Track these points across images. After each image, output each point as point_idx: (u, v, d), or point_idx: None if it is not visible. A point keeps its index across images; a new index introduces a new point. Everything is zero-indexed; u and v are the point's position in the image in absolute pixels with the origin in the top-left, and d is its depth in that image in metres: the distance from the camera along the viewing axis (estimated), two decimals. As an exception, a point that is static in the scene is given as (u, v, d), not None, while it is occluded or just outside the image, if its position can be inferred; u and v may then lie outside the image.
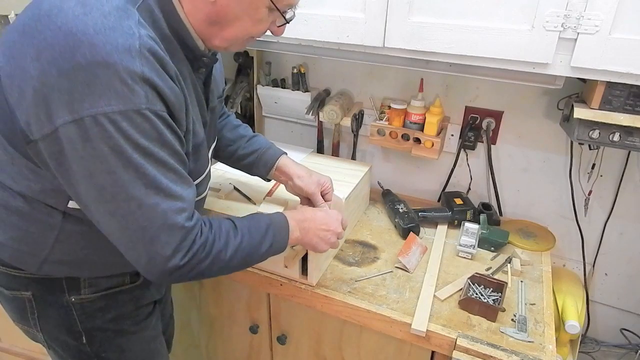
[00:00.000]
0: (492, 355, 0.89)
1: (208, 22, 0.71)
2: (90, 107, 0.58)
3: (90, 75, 0.57)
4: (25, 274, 0.82)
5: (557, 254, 1.41)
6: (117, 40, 0.59)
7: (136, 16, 0.63)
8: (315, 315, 1.11)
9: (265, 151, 1.05)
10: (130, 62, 0.59)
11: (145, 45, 0.61)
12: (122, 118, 0.59)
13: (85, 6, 0.60)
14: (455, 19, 0.96)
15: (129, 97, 0.59)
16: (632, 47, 0.85)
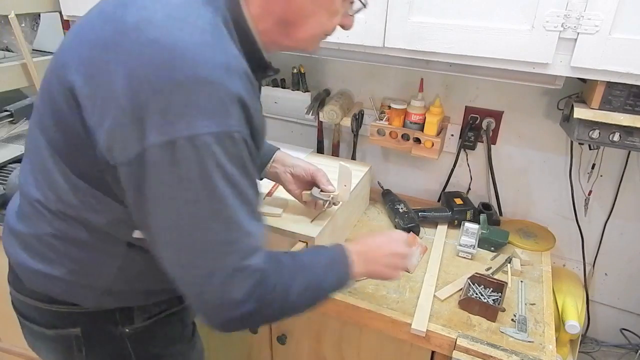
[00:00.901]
0: (492, 355, 0.89)
1: (279, 24, 0.67)
2: (186, 129, 0.53)
3: (190, 93, 0.53)
4: (77, 309, 0.76)
5: (557, 254, 1.41)
6: (216, 58, 0.55)
7: (224, 30, 0.60)
8: (315, 315, 1.11)
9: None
10: (229, 81, 0.55)
11: (240, 64, 0.58)
12: (214, 140, 0.54)
13: (178, 20, 0.56)
14: (455, 19, 0.96)
15: (224, 118, 0.55)
16: (632, 47, 0.85)
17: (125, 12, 0.58)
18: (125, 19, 0.57)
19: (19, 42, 1.37)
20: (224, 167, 0.56)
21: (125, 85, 0.54)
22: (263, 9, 0.65)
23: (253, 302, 0.62)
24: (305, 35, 0.69)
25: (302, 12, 0.66)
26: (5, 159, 1.21)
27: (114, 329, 0.78)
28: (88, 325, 0.77)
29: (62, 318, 0.77)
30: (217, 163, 0.55)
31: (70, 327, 0.77)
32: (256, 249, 0.62)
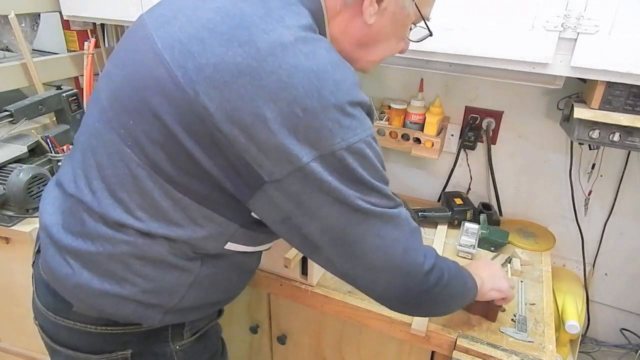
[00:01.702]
0: (492, 355, 0.89)
1: (356, 46, 0.70)
2: (341, 141, 0.57)
3: (339, 112, 0.57)
4: (130, 330, 0.73)
5: (557, 254, 1.41)
6: (349, 76, 0.60)
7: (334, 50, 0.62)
8: (315, 315, 1.11)
9: None
10: (361, 94, 0.61)
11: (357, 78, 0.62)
12: (364, 146, 0.59)
13: (307, 43, 0.58)
14: (455, 19, 0.96)
15: (366, 125, 0.60)
16: (632, 47, 0.85)
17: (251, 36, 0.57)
18: (257, 45, 0.56)
19: (19, 42, 1.37)
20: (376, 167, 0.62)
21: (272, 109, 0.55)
22: (344, 31, 0.68)
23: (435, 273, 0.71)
24: (375, 57, 0.73)
25: (378, 36, 0.69)
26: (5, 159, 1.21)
27: (164, 347, 0.76)
28: (139, 346, 0.74)
29: (114, 341, 0.73)
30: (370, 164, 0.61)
31: (119, 349, 0.74)
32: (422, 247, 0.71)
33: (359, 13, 0.66)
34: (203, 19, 0.60)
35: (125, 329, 0.72)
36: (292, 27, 0.59)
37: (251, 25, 0.58)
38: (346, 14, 0.67)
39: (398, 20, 0.69)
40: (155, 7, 0.69)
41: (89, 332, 0.72)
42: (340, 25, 0.68)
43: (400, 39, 0.73)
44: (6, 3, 1.34)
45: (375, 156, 0.62)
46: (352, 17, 0.67)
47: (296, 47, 0.57)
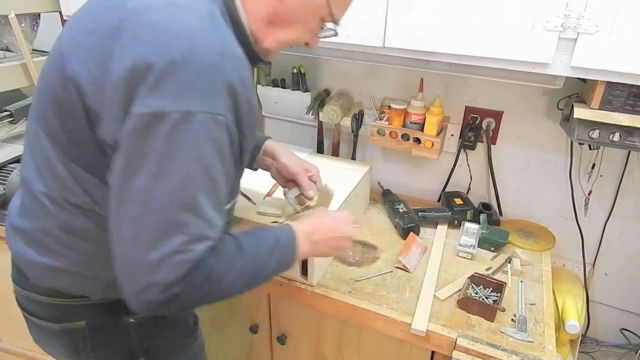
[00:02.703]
0: (492, 355, 0.89)
1: (266, 21, 0.71)
2: (170, 104, 0.56)
3: (182, 72, 0.56)
4: (83, 302, 0.76)
5: (557, 254, 1.41)
6: (212, 43, 0.58)
7: (221, 18, 0.63)
8: (315, 315, 1.11)
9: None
10: (221, 66, 0.58)
11: (235, 50, 0.61)
12: (197, 119, 0.57)
13: (176, 7, 0.59)
14: (455, 19, 0.96)
15: (210, 101, 0.57)
16: (632, 47, 0.85)
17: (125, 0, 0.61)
18: (125, 6, 0.60)
19: (19, 42, 1.37)
20: (200, 147, 0.58)
21: (123, 64, 0.57)
22: (256, 4, 0.69)
23: (181, 287, 0.60)
24: (282, 38, 0.73)
25: (287, 17, 0.71)
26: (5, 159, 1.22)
27: (119, 320, 0.79)
28: (94, 318, 0.78)
29: (68, 311, 0.78)
30: (194, 142, 0.57)
31: (75, 320, 0.78)
32: (207, 237, 0.61)
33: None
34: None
35: (75, 301, 0.76)
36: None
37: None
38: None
39: (308, 6, 0.70)
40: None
41: (46, 302, 0.78)
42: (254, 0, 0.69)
43: (309, 28, 0.74)
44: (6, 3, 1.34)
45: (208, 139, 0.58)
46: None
47: (163, 9, 0.59)
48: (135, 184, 0.58)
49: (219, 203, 0.63)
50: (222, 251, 0.66)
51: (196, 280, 0.61)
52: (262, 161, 1.03)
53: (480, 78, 1.13)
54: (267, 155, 1.01)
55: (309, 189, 0.96)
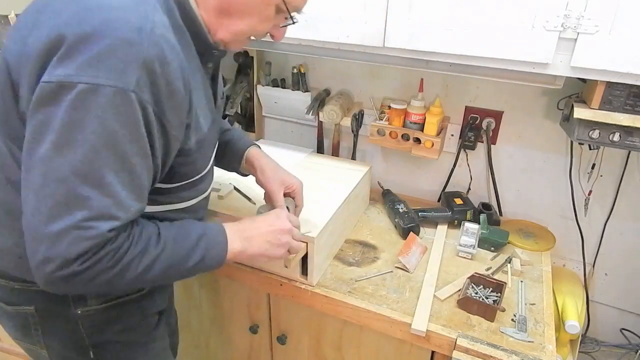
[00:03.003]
0: (492, 355, 0.89)
1: (218, 12, 0.70)
2: (75, 75, 0.55)
3: (92, 44, 0.55)
4: (29, 287, 0.76)
5: (557, 254, 1.41)
6: (130, 20, 0.57)
7: (152, 2, 0.62)
8: (315, 315, 1.11)
9: (236, 142, 1.01)
10: (136, 41, 0.57)
11: (158, 29, 0.60)
12: (103, 92, 0.56)
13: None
14: (455, 19, 0.96)
15: (120, 75, 0.56)
16: (632, 47, 0.85)
17: None
18: None
19: (19, 42, 1.37)
20: (106, 122, 0.57)
21: (39, 36, 0.58)
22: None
23: (83, 265, 0.59)
24: (236, 29, 0.72)
25: (238, 7, 0.69)
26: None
27: (66, 310, 0.78)
28: (41, 304, 0.78)
29: (17, 295, 0.78)
30: (99, 115, 0.56)
31: (25, 304, 0.78)
32: (112, 216, 0.60)
33: None
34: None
35: (23, 285, 0.76)
36: None
37: None
38: None
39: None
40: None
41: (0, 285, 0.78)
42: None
43: (264, 18, 0.72)
44: (6, 3, 1.34)
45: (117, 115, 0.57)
46: None
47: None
48: (38, 153, 0.58)
49: (136, 185, 0.62)
50: (137, 236, 0.65)
51: (100, 260, 0.61)
52: (245, 169, 1.01)
53: (480, 78, 1.13)
54: (248, 164, 1.00)
55: (281, 208, 0.92)
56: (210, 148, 0.83)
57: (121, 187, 0.60)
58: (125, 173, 0.60)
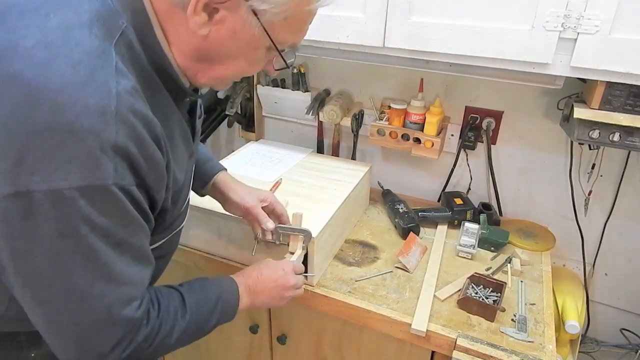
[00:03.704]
0: (492, 355, 0.89)
1: (195, 58, 0.61)
2: (42, 181, 0.47)
3: (49, 142, 0.46)
4: None
5: (557, 254, 1.41)
6: (89, 100, 0.48)
7: (113, 60, 0.51)
8: (315, 315, 1.11)
9: (203, 164, 0.94)
10: (102, 128, 0.48)
11: (125, 103, 0.50)
12: (80, 195, 0.48)
13: (48, 50, 0.48)
14: (455, 19, 0.96)
15: (93, 171, 0.48)
16: (632, 47, 0.85)
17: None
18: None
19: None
20: (94, 222, 0.51)
21: None
22: (179, 38, 0.59)
23: (120, 352, 0.59)
24: (220, 75, 0.64)
25: (219, 53, 0.60)
26: None
27: (19, 353, 0.72)
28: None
29: None
30: (84, 217, 0.50)
31: None
32: (132, 298, 0.58)
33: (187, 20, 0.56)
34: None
35: None
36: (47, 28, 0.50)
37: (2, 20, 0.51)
38: (178, 17, 0.56)
39: (241, 39, 0.58)
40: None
41: None
42: (177, 30, 0.58)
43: (253, 61, 0.63)
44: (6, 3, 1.33)
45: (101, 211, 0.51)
46: (184, 22, 0.56)
47: (31, 52, 0.48)
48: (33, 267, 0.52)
49: (141, 257, 0.60)
50: (165, 313, 0.65)
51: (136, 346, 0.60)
52: (211, 193, 0.97)
53: (480, 78, 1.13)
54: (216, 190, 0.96)
55: (265, 221, 0.92)
56: (186, 191, 0.77)
57: (128, 267, 0.57)
58: (128, 254, 0.57)
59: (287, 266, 0.88)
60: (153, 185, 0.58)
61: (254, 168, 1.31)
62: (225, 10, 0.55)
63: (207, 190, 0.96)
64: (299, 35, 0.65)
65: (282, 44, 0.62)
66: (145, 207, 0.59)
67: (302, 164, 1.35)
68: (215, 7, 0.55)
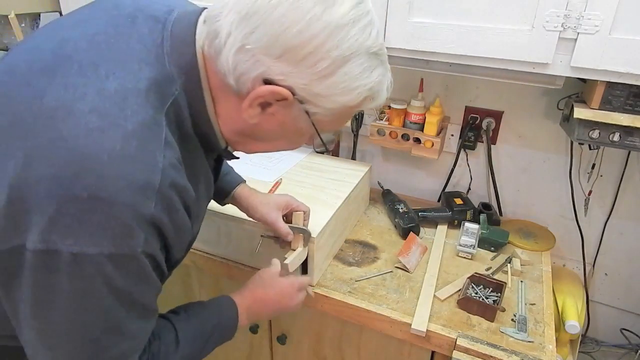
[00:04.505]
0: (492, 355, 0.89)
1: (240, 134, 0.63)
2: (74, 245, 0.48)
3: (87, 210, 0.47)
4: None
5: (557, 254, 1.41)
6: (135, 175, 0.49)
7: (163, 132, 0.53)
8: (315, 315, 1.11)
9: (221, 178, 0.95)
10: (141, 203, 0.50)
11: (167, 178, 0.52)
12: (108, 261, 0.50)
13: (103, 118, 0.49)
14: (455, 19, 0.96)
15: (125, 240, 0.50)
16: (632, 47, 0.85)
17: (48, 86, 0.50)
18: (43, 96, 0.49)
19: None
20: (116, 285, 0.52)
21: (19, 173, 0.47)
22: (227, 115, 0.61)
23: None
24: (259, 149, 0.68)
25: (265, 135, 0.63)
26: None
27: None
28: None
29: None
30: (106, 281, 0.51)
31: None
32: (135, 350, 0.60)
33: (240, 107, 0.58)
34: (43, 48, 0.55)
35: None
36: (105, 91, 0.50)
37: (60, 73, 0.51)
38: (230, 99, 0.59)
39: (288, 129, 0.61)
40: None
41: None
42: (226, 107, 0.60)
43: (295, 143, 0.67)
44: (6, 3, 1.34)
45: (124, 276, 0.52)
46: (235, 106, 0.58)
47: (86, 117, 0.48)
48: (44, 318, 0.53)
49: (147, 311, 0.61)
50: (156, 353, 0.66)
51: None
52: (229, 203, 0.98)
53: (480, 78, 1.13)
54: (235, 202, 0.97)
55: (286, 236, 0.93)
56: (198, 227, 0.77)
57: (136, 323, 0.59)
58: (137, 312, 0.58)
59: (294, 286, 0.90)
60: (174, 246, 0.60)
61: (254, 168, 1.31)
62: (278, 106, 0.57)
63: (226, 202, 0.98)
64: (343, 125, 0.71)
65: (326, 133, 0.65)
66: (164, 267, 0.60)
67: (302, 164, 1.35)
68: (270, 102, 0.57)
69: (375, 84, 0.58)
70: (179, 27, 0.57)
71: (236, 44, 0.53)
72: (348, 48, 0.54)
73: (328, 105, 0.57)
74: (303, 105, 0.57)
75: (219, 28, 0.54)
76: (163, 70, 0.55)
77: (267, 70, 0.53)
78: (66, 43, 0.54)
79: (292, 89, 0.55)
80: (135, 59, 0.54)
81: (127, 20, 0.57)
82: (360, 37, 0.54)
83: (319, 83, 0.55)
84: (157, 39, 0.56)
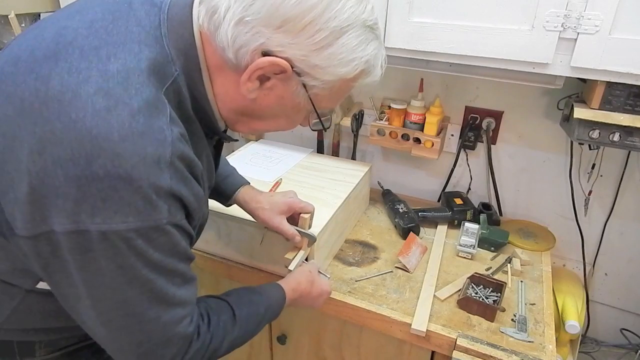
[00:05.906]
0: (492, 355, 0.89)
1: (238, 112, 0.65)
2: (102, 223, 0.49)
3: (108, 188, 0.49)
4: None
5: (557, 254, 1.41)
6: (146, 150, 0.50)
7: (167, 109, 0.54)
8: (315, 315, 1.11)
9: (224, 179, 0.97)
10: (157, 176, 0.51)
11: (177, 151, 0.53)
12: (137, 235, 0.52)
13: (109, 98, 0.50)
14: (455, 19, 0.96)
15: (150, 214, 0.52)
16: (632, 47, 0.85)
17: (52, 71, 0.51)
18: (48, 81, 0.50)
19: (19, 42, 1.37)
20: (149, 257, 0.54)
21: (36, 161, 0.48)
22: (226, 94, 0.62)
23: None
24: (259, 128, 0.69)
25: (263, 112, 0.64)
26: None
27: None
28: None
29: None
30: (139, 254, 0.53)
31: None
32: (183, 317, 0.62)
33: (239, 82, 0.59)
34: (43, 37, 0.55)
35: None
36: (108, 72, 0.51)
37: (63, 58, 0.52)
38: (228, 76, 0.60)
39: (286, 104, 0.62)
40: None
41: None
42: (224, 85, 0.61)
43: (293, 121, 0.68)
44: (6, 3, 1.34)
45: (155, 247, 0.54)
46: (234, 82, 0.60)
47: (91, 99, 0.49)
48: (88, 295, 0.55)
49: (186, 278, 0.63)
50: (215, 327, 0.69)
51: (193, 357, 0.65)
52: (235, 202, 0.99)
53: (480, 78, 1.13)
54: (238, 203, 0.98)
55: (292, 237, 0.93)
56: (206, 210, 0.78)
57: (178, 290, 0.61)
58: (177, 279, 0.61)
59: (329, 289, 0.96)
60: (195, 217, 0.62)
61: (254, 168, 1.31)
62: (276, 79, 0.59)
63: (231, 204, 0.99)
64: (339, 102, 0.71)
65: (323, 110, 0.66)
66: (192, 232, 0.62)
67: (302, 164, 1.36)
68: (268, 76, 0.58)
69: (371, 57, 0.60)
70: (176, 9, 0.58)
71: (235, 17, 0.54)
72: (345, 19, 0.55)
73: (325, 77, 0.58)
74: (301, 78, 0.58)
75: (218, 3, 0.55)
76: (162, 51, 0.56)
77: (266, 42, 0.55)
78: (66, 31, 0.55)
79: (290, 60, 0.56)
80: (135, 40, 0.55)
81: (123, 6, 0.58)
82: (357, 9, 0.56)
83: (317, 54, 0.56)
84: (154, 22, 0.57)
